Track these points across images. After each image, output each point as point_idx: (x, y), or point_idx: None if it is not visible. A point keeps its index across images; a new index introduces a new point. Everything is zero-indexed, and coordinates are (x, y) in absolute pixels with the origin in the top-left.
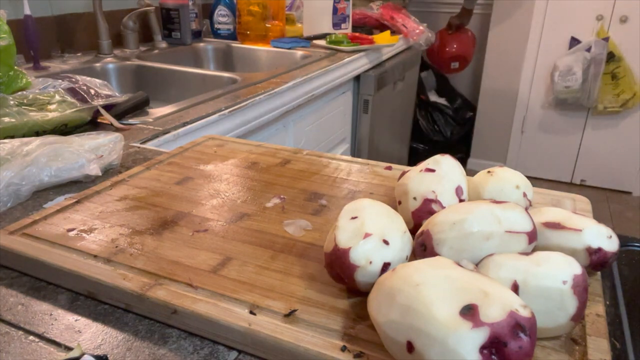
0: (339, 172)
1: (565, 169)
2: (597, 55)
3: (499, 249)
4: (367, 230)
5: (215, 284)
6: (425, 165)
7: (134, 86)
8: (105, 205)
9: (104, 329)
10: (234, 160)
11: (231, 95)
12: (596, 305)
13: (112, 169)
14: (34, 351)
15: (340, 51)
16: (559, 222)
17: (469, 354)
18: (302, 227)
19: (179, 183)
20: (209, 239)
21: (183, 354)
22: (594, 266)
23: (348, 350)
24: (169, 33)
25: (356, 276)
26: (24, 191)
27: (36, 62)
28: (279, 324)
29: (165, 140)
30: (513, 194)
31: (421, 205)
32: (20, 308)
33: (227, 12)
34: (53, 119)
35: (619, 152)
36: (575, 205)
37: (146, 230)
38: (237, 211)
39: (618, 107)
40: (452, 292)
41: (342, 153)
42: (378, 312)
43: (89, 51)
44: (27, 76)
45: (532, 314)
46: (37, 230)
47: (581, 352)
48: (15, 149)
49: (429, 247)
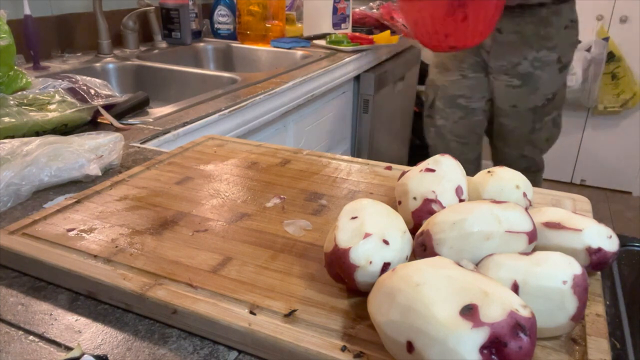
0: (339, 172)
1: (565, 169)
2: (597, 55)
3: (499, 249)
4: (367, 230)
5: (215, 284)
6: (425, 165)
7: (134, 86)
8: (105, 205)
9: (104, 329)
10: (234, 160)
11: (231, 95)
12: (596, 305)
13: (112, 169)
14: (34, 351)
15: (340, 51)
16: (559, 222)
17: (469, 354)
18: (302, 227)
19: (179, 183)
20: (209, 239)
21: (183, 354)
22: (594, 266)
23: (348, 350)
24: (169, 33)
25: (356, 276)
26: (24, 191)
27: (36, 62)
28: (279, 324)
29: (165, 140)
30: (513, 194)
31: (421, 205)
32: (20, 308)
33: (227, 12)
34: (53, 119)
35: (619, 152)
36: (575, 205)
37: (146, 230)
38: (237, 211)
39: (618, 107)
40: (452, 292)
41: (342, 153)
42: (378, 312)
43: (89, 51)
44: (27, 76)
45: (532, 314)
46: (37, 230)
47: (581, 352)
48: (15, 149)
49: (429, 247)
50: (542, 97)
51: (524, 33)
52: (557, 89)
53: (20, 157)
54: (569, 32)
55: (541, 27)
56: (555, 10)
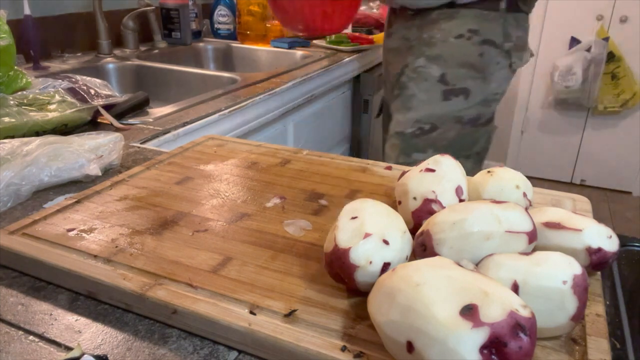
0: (339, 172)
1: (565, 169)
2: (597, 55)
3: (499, 249)
4: (367, 230)
5: (215, 284)
6: (425, 165)
7: (134, 86)
8: (105, 205)
9: (104, 329)
10: (234, 160)
11: (231, 95)
12: (596, 305)
13: (112, 169)
14: (34, 351)
15: (340, 51)
16: (559, 222)
17: (469, 354)
18: (302, 227)
19: (179, 183)
20: (209, 239)
21: (183, 354)
22: (594, 266)
23: (348, 350)
24: (169, 33)
25: (356, 276)
26: (24, 191)
27: (36, 62)
28: (279, 324)
29: (165, 140)
30: (513, 194)
31: (421, 205)
32: (20, 308)
33: (227, 12)
34: (53, 119)
35: (619, 152)
36: (575, 205)
37: (146, 230)
38: (237, 211)
39: (618, 107)
40: (452, 292)
41: (342, 153)
42: (378, 312)
43: (89, 51)
44: (27, 76)
45: (532, 314)
46: (37, 230)
47: (581, 352)
48: (15, 149)
49: (429, 247)
50: (410, 122)
51: (408, 37)
52: (437, 120)
53: (20, 157)
54: (462, 45)
55: (426, 30)
56: (450, 14)
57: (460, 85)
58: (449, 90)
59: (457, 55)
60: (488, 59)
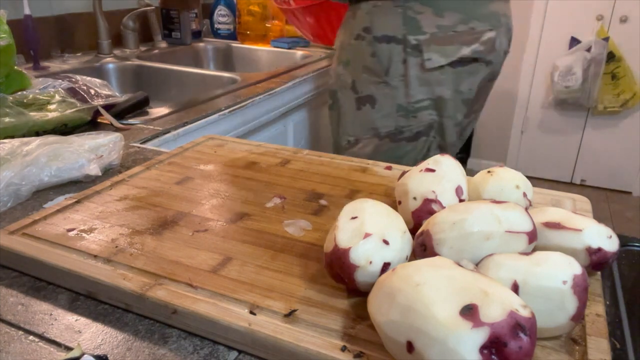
0: (339, 172)
1: (565, 169)
2: (597, 55)
3: (499, 249)
4: (367, 230)
5: (215, 284)
6: (425, 165)
7: (134, 86)
8: (105, 205)
9: (104, 329)
10: (234, 161)
11: (231, 95)
12: (596, 305)
13: (112, 169)
14: (34, 351)
15: None
16: (559, 222)
17: (469, 354)
18: (302, 227)
19: (179, 183)
20: (209, 239)
21: (183, 354)
22: (594, 266)
23: (348, 350)
24: (169, 33)
25: (356, 276)
26: (24, 191)
27: (36, 62)
28: (279, 324)
29: (165, 140)
30: (513, 194)
31: (421, 205)
32: (20, 308)
33: (227, 12)
34: (53, 119)
35: (619, 152)
36: (575, 205)
37: (146, 230)
38: (237, 211)
39: (618, 107)
40: (452, 292)
41: None
42: (378, 312)
43: (89, 51)
44: (27, 76)
45: (532, 314)
46: (37, 230)
47: (581, 352)
48: (15, 149)
49: (429, 247)
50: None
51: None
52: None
53: (20, 157)
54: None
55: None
56: (354, 12)
57: (366, 92)
58: (358, 98)
59: (357, 59)
60: (384, 59)
